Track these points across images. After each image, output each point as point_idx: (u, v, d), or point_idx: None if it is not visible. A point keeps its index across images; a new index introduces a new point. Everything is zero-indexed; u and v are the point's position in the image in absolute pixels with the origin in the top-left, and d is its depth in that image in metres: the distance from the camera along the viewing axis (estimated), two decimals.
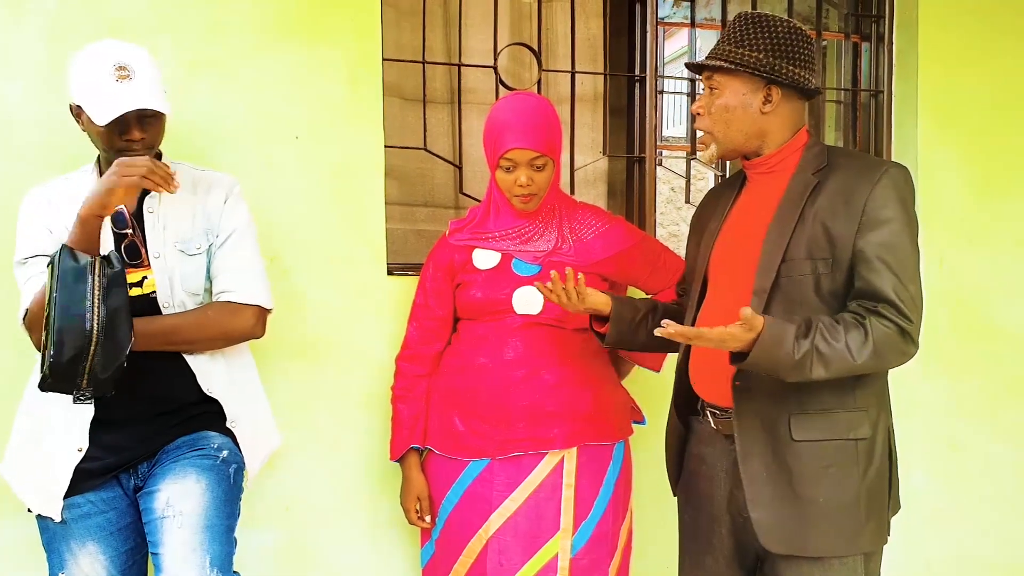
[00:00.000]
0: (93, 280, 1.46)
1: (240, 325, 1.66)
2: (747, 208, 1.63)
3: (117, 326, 1.47)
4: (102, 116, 1.52)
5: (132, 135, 1.57)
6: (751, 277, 1.53)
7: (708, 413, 1.64)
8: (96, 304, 1.46)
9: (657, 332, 1.40)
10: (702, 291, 1.67)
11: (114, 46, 1.58)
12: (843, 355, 1.41)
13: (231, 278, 1.67)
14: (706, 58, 1.59)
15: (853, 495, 1.50)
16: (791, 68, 1.52)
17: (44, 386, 1.46)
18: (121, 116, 1.53)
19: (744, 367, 1.43)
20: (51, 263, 1.46)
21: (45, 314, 1.45)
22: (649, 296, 2.02)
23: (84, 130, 1.63)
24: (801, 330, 1.42)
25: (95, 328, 1.45)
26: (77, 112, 1.61)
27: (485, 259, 1.87)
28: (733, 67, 1.53)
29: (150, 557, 1.60)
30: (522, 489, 1.82)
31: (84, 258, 1.47)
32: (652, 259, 1.96)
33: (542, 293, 1.68)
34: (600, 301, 1.68)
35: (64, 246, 1.48)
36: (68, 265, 1.46)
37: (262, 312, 1.69)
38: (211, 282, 1.69)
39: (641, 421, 2.01)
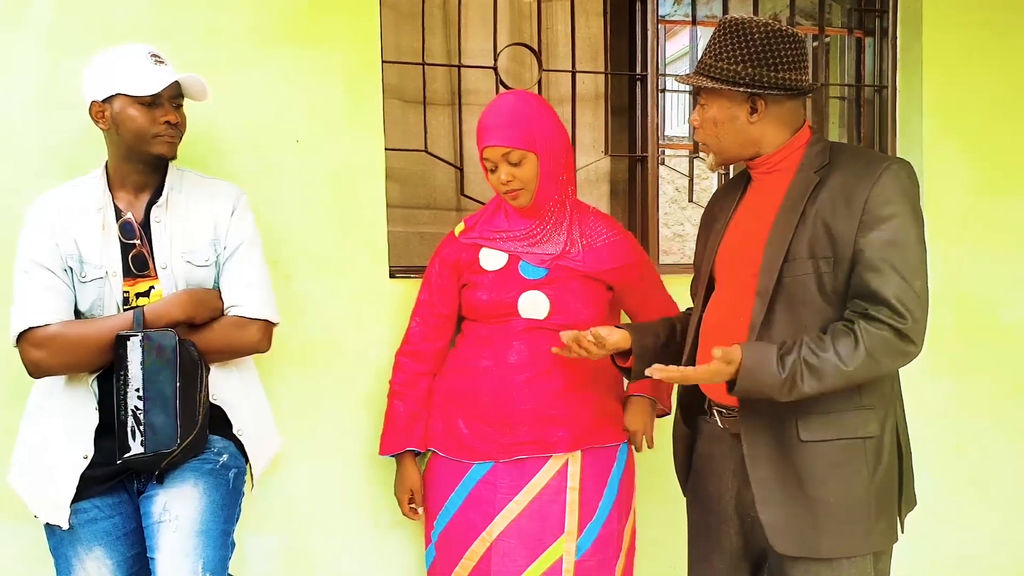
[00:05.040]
0: (203, 373, 1.61)
1: (247, 339, 1.67)
2: (751, 207, 1.63)
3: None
4: (148, 87, 1.59)
5: (170, 116, 1.62)
6: (755, 277, 1.53)
7: (715, 412, 1.63)
8: (204, 399, 1.62)
9: (647, 372, 1.44)
10: (708, 290, 1.67)
11: (143, 44, 1.67)
12: (833, 364, 1.41)
13: (238, 292, 1.68)
14: (691, 74, 1.59)
15: (863, 494, 1.49)
16: (773, 74, 1.50)
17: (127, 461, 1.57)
18: (160, 97, 1.61)
19: (736, 395, 1.44)
20: (162, 347, 1.54)
21: (143, 388, 1.53)
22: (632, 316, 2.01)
23: (106, 128, 1.63)
24: (785, 348, 1.43)
25: (200, 420, 1.59)
26: (100, 110, 1.62)
27: (492, 260, 1.87)
28: (712, 85, 1.52)
29: (149, 562, 1.61)
30: (526, 492, 1.82)
31: (195, 353, 1.59)
32: (648, 282, 1.95)
33: (563, 355, 1.68)
34: (619, 338, 1.67)
35: (184, 340, 1.58)
36: (190, 356, 1.58)
37: (268, 326, 1.70)
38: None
39: (667, 412, 1.99)
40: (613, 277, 1.88)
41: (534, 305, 1.82)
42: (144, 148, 1.62)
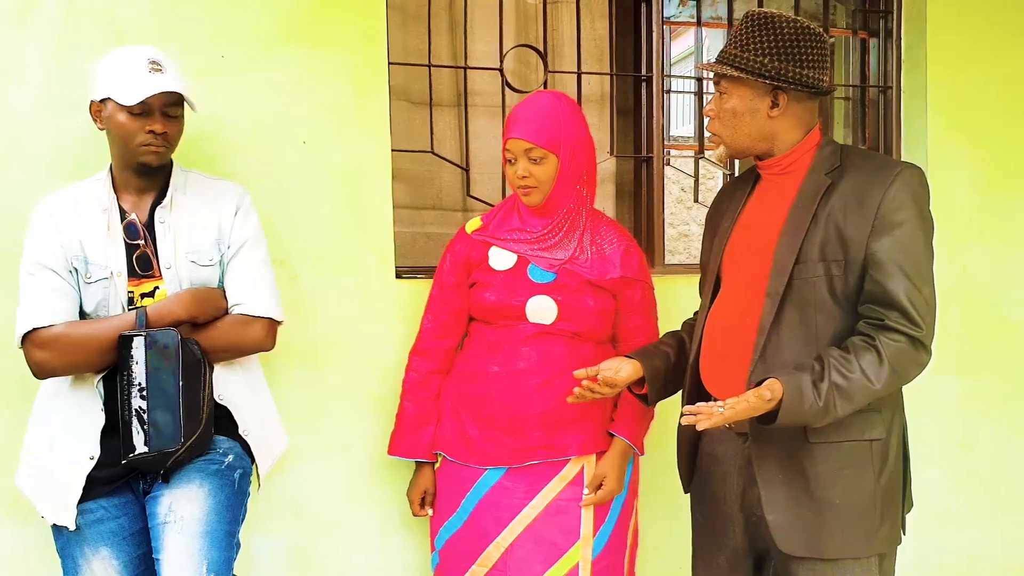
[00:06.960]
0: (206, 371, 1.60)
1: (251, 338, 1.67)
2: (760, 208, 1.62)
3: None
4: (133, 96, 1.56)
5: (156, 126, 1.60)
6: (764, 278, 1.52)
7: None
8: (208, 397, 1.61)
9: (682, 421, 1.42)
10: (715, 289, 1.66)
11: (149, 47, 1.65)
12: (862, 384, 1.41)
13: (242, 290, 1.68)
14: (713, 62, 1.58)
15: (869, 496, 1.49)
16: (798, 70, 1.50)
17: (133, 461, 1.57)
18: (148, 106, 1.58)
19: (775, 429, 1.43)
20: (164, 346, 1.53)
21: (145, 388, 1.53)
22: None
23: (103, 127, 1.63)
24: (816, 373, 1.41)
25: (204, 418, 1.59)
26: (97, 110, 1.62)
27: (501, 260, 1.86)
28: (738, 74, 1.52)
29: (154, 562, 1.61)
30: (542, 497, 1.81)
31: (198, 351, 1.58)
32: (644, 304, 1.92)
33: (579, 401, 1.67)
34: (631, 372, 1.66)
35: (187, 339, 1.58)
36: (192, 355, 1.57)
37: (273, 324, 1.70)
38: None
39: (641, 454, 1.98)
40: (618, 286, 1.87)
41: (542, 310, 1.81)
42: (129, 155, 1.62)
